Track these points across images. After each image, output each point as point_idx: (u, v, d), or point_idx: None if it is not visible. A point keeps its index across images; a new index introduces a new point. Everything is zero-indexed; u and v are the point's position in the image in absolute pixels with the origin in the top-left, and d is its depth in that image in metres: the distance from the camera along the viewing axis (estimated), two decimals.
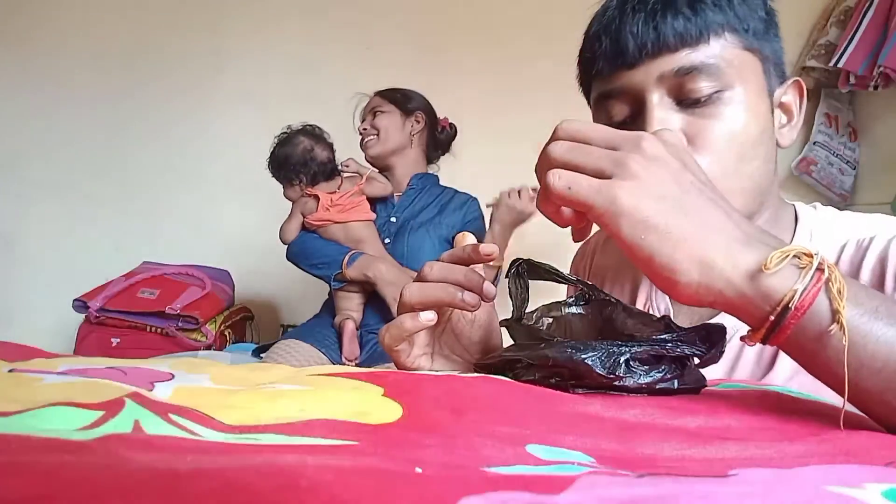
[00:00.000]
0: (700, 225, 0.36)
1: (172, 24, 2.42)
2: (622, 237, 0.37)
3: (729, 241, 0.36)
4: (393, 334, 0.49)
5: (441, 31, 2.40)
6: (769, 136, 0.60)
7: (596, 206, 0.37)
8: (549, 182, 0.38)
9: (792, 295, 0.33)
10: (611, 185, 0.37)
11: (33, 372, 0.34)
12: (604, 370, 0.39)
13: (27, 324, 2.33)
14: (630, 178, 0.37)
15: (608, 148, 0.39)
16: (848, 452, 0.30)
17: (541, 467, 0.26)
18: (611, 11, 0.60)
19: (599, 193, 0.37)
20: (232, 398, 0.32)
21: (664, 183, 0.37)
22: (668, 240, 0.36)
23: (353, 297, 1.62)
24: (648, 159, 0.38)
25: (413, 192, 1.72)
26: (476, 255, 0.49)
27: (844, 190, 2.25)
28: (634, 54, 0.57)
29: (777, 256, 0.34)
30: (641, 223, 0.36)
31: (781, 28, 0.63)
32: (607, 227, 0.37)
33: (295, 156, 1.63)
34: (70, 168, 2.39)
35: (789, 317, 0.34)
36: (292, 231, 1.67)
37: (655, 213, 0.36)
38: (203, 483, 0.19)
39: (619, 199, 0.36)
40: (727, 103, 0.57)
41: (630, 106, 0.60)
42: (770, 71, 0.60)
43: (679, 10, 0.56)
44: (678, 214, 0.36)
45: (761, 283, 0.34)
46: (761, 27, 0.59)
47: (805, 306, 0.33)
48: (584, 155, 0.39)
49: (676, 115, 0.57)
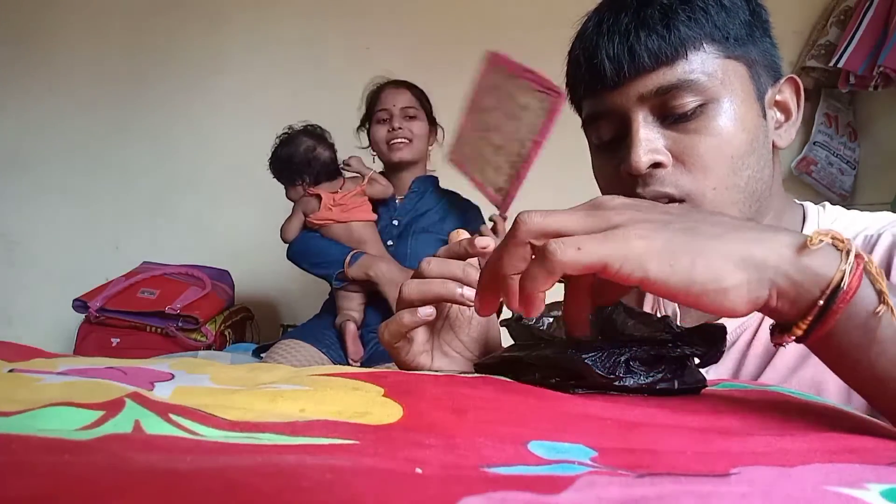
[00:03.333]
0: (718, 230, 0.34)
1: (173, 25, 2.42)
2: (652, 277, 0.33)
3: (754, 234, 0.34)
4: (392, 330, 0.49)
5: (441, 31, 2.40)
6: (761, 142, 0.59)
7: (613, 257, 0.33)
8: (551, 252, 0.34)
9: (841, 275, 0.32)
10: (615, 233, 0.34)
11: (33, 372, 0.34)
12: (603, 370, 0.38)
13: (27, 324, 2.33)
14: (624, 222, 0.35)
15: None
16: (852, 451, 0.29)
17: (541, 467, 0.26)
18: (588, 33, 0.60)
19: (612, 243, 0.33)
20: (232, 398, 0.32)
21: (653, 212, 0.36)
22: (699, 255, 0.33)
23: (354, 297, 1.62)
24: (621, 204, 0.36)
25: (415, 196, 1.72)
26: (472, 249, 0.49)
27: (844, 190, 2.25)
28: (613, 77, 0.57)
29: (816, 236, 0.32)
30: (665, 252, 0.33)
31: (781, 28, 0.62)
32: (631, 277, 0.33)
33: (297, 156, 1.63)
34: (70, 168, 2.39)
35: (839, 300, 0.32)
36: (293, 230, 1.66)
37: (672, 237, 0.34)
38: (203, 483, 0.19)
39: (632, 241, 0.33)
40: (712, 117, 0.56)
41: (616, 126, 0.60)
42: (758, 74, 0.59)
43: (653, 28, 0.55)
44: (692, 231, 0.34)
45: (808, 265, 0.32)
46: (744, 32, 0.57)
47: (854, 287, 0.32)
48: (564, 217, 0.36)
49: (661, 132, 0.57)
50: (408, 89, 1.70)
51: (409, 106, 1.67)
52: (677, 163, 0.57)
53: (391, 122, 1.64)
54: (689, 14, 0.56)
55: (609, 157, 0.61)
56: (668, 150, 0.57)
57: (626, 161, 0.57)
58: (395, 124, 1.64)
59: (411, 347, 0.51)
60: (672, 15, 0.55)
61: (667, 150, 0.57)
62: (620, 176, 0.59)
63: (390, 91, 1.69)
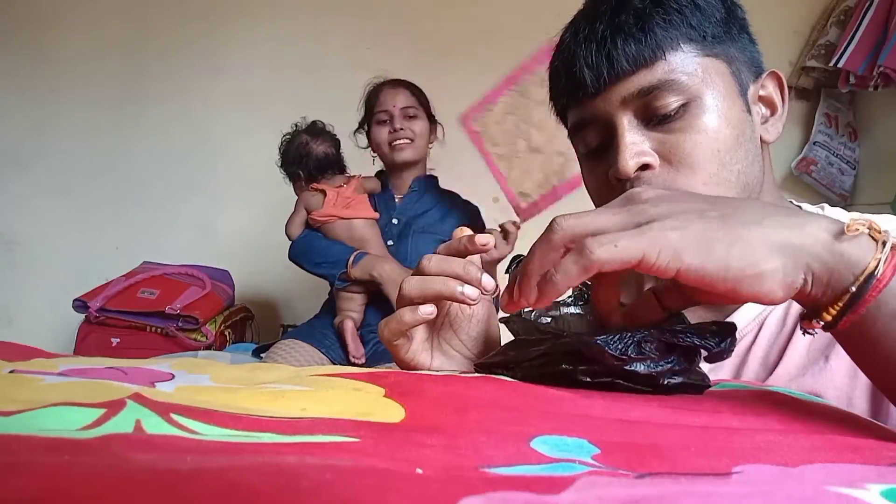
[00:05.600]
0: (754, 216, 0.34)
1: (172, 25, 2.42)
2: (690, 269, 0.33)
3: (793, 220, 0.34)
4: (392, 328, 0.49)
5: (441, 31, 2.40)
6: (748, 136, 0.59)
7: (650, 250, 0.33)
8: (589, 251, 0.34)
9: (876, 263, 0.32)
10: (651, 226, 0.34)
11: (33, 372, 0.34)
12: (615, 351, 0.38)
13: (27, 324, 2.33)
14: (658, 215, 0.35)
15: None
16: (854, 451, 0.30)
17: (541, 466, 0.26)
18: (565, 45, 0.61)
19: (647, 237, 0.34)
20: (233, 397, 0.32)
21: (687, 201, 0.36)
22: (735, 242, 0.33)
23: (355, 298, 1.61)
24: (655, 196, 0.36)
25: (415, 195, 1.72)
26: (472, 246, 0.49)
27: (844, 190, 2.25)
28: (593, 84, 0.57)
29: (853, 224, 0.32)
30: (702, 241, 0.33)
31: (781, 28, 0.62)
32: (668, 268, 0.33)
33: (291, 152, 1.66)
34: (70, 168, 2.40)
35: (871, 288, 0.32)
36: (297, 225, 1.66)
37: (707, 225, 0.34)
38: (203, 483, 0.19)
39: (668, 233, 0.34)
40: (696, 114, 0.56)
41: (601, 132, 0.60)
42: (739, 70, 0.59)
43: (629, 33, 0.56)
44: (724, 218, 0.34)
45: (843, 251, 0.32)
46: (720, 30, 0.58)
47: (888, 276, 0.32)
48: (599, 217, 0.36)
49: (646, 134, 0.57)
50: (406, 88, 1.69)
51: (409, 105, 1.66)
52: (665, 163, 0.57)
53: (392, 123, 1.63)
54: (664, 16, 0.56)
55: (597, 163, 0.62)
56: (655, 152, 0.57)
57: (613, 166, 0.57)
58: (396, 125, 1.63)
59: (411, 345, 0.51)
60: (647, 19, 0.56)
61: (653, 152, 0.57)
62: (610, 182, 0.59)
63: (389, 91, 1.68)
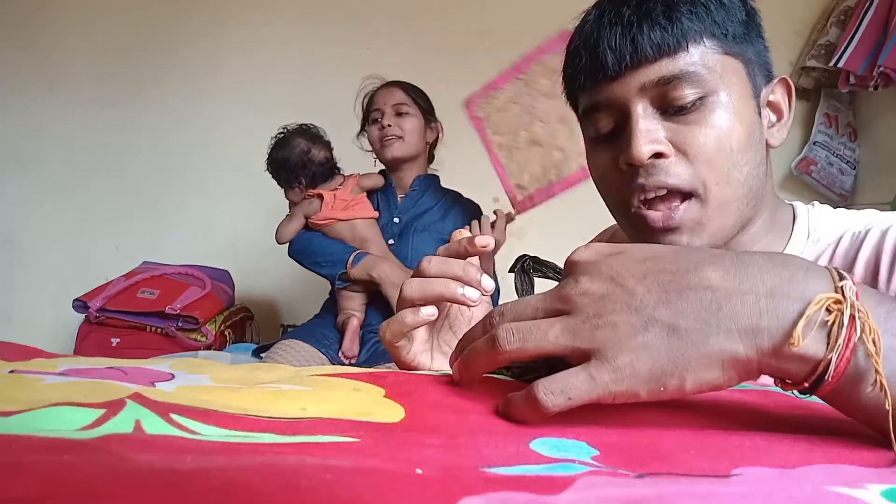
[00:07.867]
0: (699, 323, 0.32)
1: (172, 24, 2.42)
2: (644, 400, 0.32)
3: (733, 322, 0.31)
4: (393, 330, 0.49)
5: (441, 31, 2.40)
6: (757, 138, 0.60)
7: (603, 396, 0.32)
8: (541, 401, 0.32)
9: (826, 364, 0.30)
10: (600, 366, 0.32)
11: (33, 372, 0.34)
12: None
13: (27, 324, 2.33)
14: (605, 342, 0.32)
15: (536, 309, 0.36)
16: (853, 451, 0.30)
17: (541, 466, 0.26)
18: (589, 25, 0.60)
19: (597, 383, 0.32)
20: (233, 396, 0.32)
21: (621, 311, 0.33)
22: (686, 371, 0.31)
23: (355, 297, 1.61)
24: (584, 295, 0.34)
25: (416, 194, 1.72)
26: (472, 248, 0.49)
27: (844, 190, 2.25)
28: (614, 67, 0.57)
29: (801, 327, 0.30)
30: (653, 378, 0.32)
31: (781, 28, 0.63)
32: (623, 402, 0.32)
33: (293, 158, 1.62)
34: (70, 168, 2.39)
35: (825, 385, 0.31)
36: (290, 232, 1.66)
37: (657, 356, 0.32)
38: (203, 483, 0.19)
39: (619, 373, 0.32)
40: (712, 109, 0.57)
41: (615, 118, 0.60)
42: (754, 73, 0.60)
43: (655, 20, 0.56)
44: (676, 332, 0.32)
45: (793, 354, 0.31)
46: (741, 30, 0.58)
47: (841, 371, 0.30)
48: (546, 344, 0.34)
49: (661, 124, 0.58)
50: (399, 88, 1.71)
51: (401, 103, 1.67)
52: (678, 153, 0.57)
53: (382, 121, 1.65)
54: (691, 9, 0.57)
55: (606, 149, 0.62)
56: (669, 141, 0.57)
57: (626, 152, 0.57)
58: (384, 122, 1.65)
59: (412, 347, 0.51)
60: (674, 8, 0.57)
61: (667, 141, 0.57)
62: (618, 168, 0.59)
63: (382, 92, 1.70)
